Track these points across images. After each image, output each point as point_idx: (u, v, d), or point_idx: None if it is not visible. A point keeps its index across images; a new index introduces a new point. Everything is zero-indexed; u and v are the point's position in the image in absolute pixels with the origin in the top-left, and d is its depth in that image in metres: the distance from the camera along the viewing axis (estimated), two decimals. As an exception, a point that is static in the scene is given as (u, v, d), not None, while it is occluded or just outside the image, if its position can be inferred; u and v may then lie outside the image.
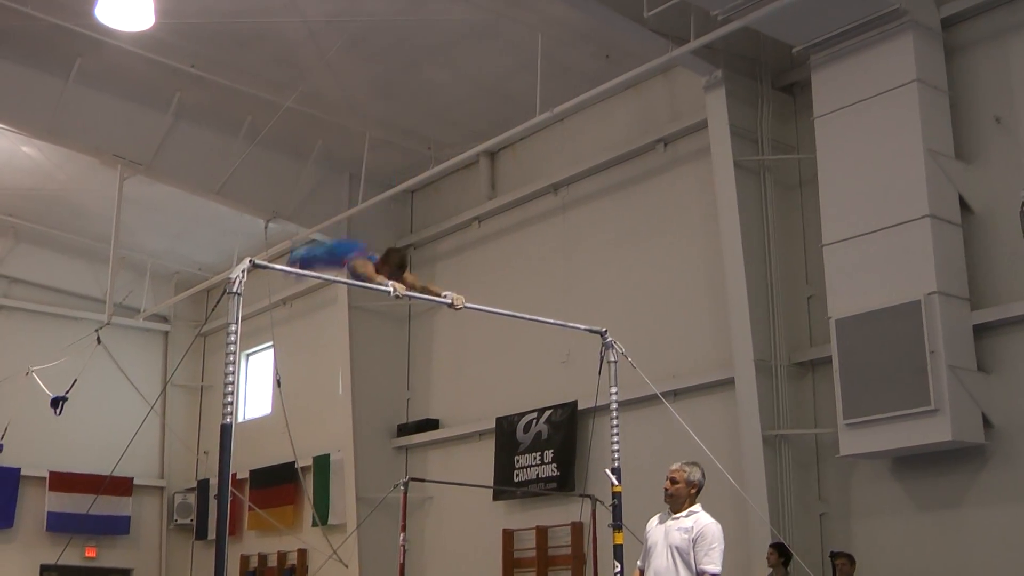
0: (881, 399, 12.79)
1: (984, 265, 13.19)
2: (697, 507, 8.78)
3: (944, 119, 13.31)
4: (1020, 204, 12.10)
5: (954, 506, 13.01)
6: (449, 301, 9.80)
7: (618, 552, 9.74)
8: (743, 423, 14.43)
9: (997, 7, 13.41)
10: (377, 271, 9.63)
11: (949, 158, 13.16)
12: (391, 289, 9.31)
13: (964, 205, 13.21)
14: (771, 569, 13.29)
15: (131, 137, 19.17)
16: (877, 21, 13.22)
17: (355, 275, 9.67)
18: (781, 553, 13.11)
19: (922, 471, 13.34)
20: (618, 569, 9.45)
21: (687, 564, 8.50)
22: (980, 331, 12.97)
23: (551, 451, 17.76)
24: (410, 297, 9.68)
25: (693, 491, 8.80)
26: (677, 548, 8.58)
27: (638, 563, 8.92)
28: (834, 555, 13.34)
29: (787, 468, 14.28)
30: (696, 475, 8.82)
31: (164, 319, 27.20)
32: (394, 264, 9.81)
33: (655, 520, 8.90)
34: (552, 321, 11.20)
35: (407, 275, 9.93)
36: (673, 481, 8.80)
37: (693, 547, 8.51)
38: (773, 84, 15.40)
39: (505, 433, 18.63)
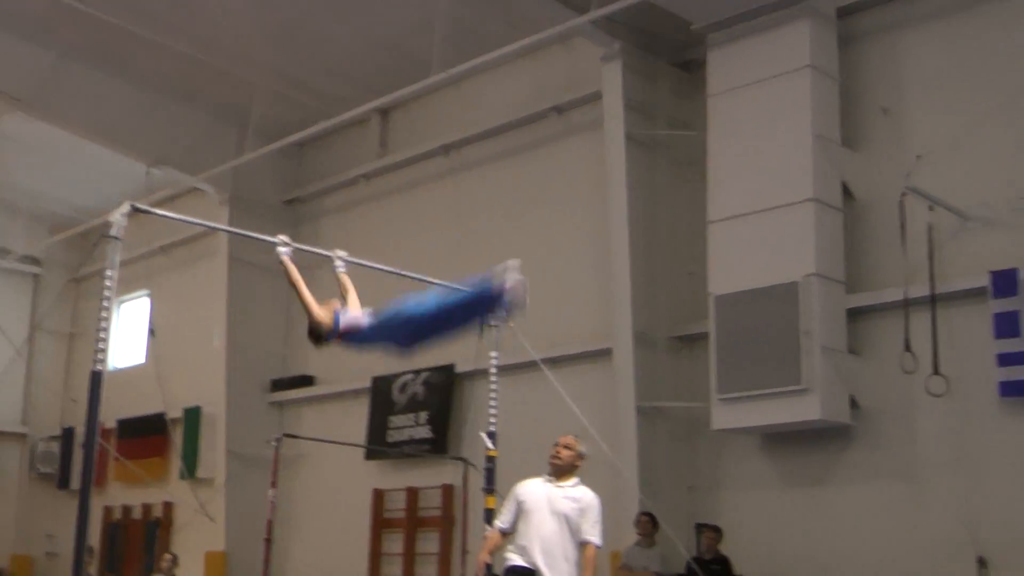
0: (755, 376, 13.18)
1: (861, 251, 13.64)
2: (577, 479, 9.06)
3: (833, 106, 13.72)
4: (901, 194, 12.59)
5: (819, 483, 13.50)
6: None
7: (489, 516, 9.90)
8: (619, 394, 14.67)
9: (892, 0, 13.86)
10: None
11: (835, 144, 13.58)
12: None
13: (846, 191, 13.66)
14: (640, 537, 13.64)
15: (11, 72, 18.76)
16: (775, 5, 13.59)
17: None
18: (652, 521, 13.46)
19: (790, 448, 13.79)
20: (487, 532, 9.60)
21: (573, 533, 8.77)
22: (853, 315, 13.43)
23: (426, 413, 17.90)
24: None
25: (578, 463, 9.08)
26: (567, 516, 8.80)
27: (499, 524, 9.07)
28: (701, 526, 13.75)
29: (660, 440, 14.59)
30: (583, 449, 9.13)
31: (36, 262, 26.53)
32: None
33: (532, 485, 9.05)
34: (437, 282, 11.31)
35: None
36: (567, 448, 9.05)
37: (580, 517, 8.80)
38: (671, 60, 15.67)
39: (381, 393, 18.73)
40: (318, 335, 8.63)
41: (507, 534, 9.01)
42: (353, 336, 8.38)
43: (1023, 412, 12.22)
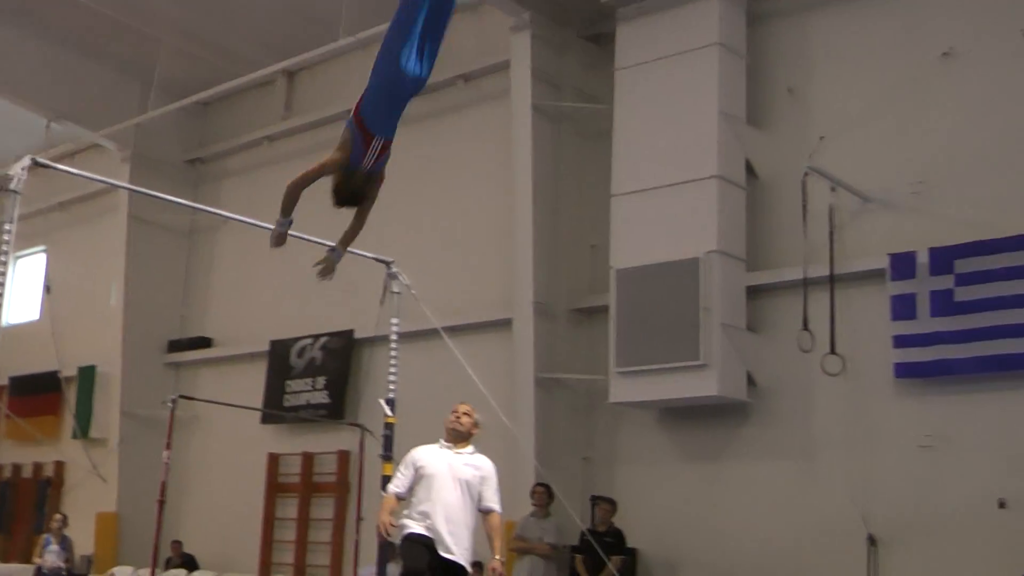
0: (653, 350, 13.15)
1: (763, 229, 13.65)
2: (473, 446, 8.95)
3: (740, 84, 13.68)
4: (803, 174, 12.59)
5: (715, 459, 13.52)
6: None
7: (386, 483, 9.72)
8: (518, 364, 14.59)
9: (802, -20, 13.88)
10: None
11: (741, 122, 13.55)
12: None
13: (750, 170, 13.65)
14: (535, 507, 13.57)
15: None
16: (685, -19, 13.52)
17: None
18: (548, 492, 13.40)
19: (687, 423, 13.80)
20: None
21: (473, 500, 8.69)
22: (753, 292, 13.45)
23: (324, 378, 17.70)
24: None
25: (475, 431, 8.98)
26: (468, 484, 8.69)
27: (394, 488, 8.89)
28: (596, 499, 13.69)
29: (558, 411, 14.54)
30: (480, 417, 9.02)
31: (-72, 214, 25.79)
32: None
33: (429, 451, 8.90)
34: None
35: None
36: (467, 416, 8.94)
37: (482, 485, 8.68)
38: (581, 33, 15.51)
39: (278, 357, 18.48)
40: (347, 181, 6.95)
41: (402, 499, 8.84)
42: (368, 110, 6.75)
43: (917, 393, 12.34)
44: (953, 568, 11.84)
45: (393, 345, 10.20)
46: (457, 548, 8.62)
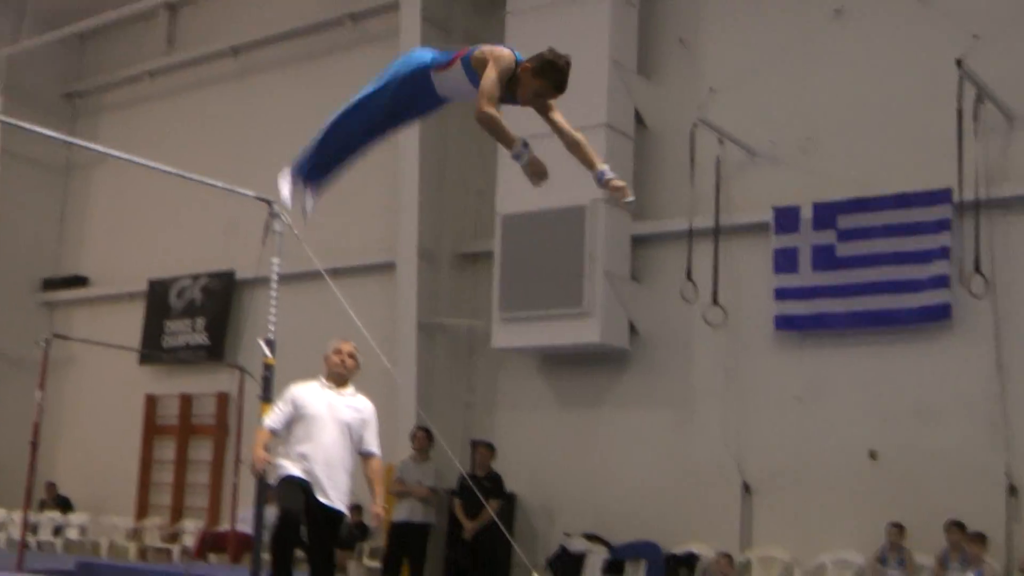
0: (537, 297, 13.07)
1: (650, 180, 13.54)
2: (353, 387, 8.71)
3: (631, 33, 13.52)
4: (692, 126, 12.52)
5: (595, 406, 13.49)
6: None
7: (276, 434, 9.45)
8: (401, 308, 14.42)
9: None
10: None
11: (631, 72, 13.41)
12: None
13: (639, 119, 13.52)
14: (415, 451, 13.43)
15: None
16: (577, -73, 13.28)
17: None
18: (428, 435, 13.27)
19: (568, 370, 13.76)
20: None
21: (353, 443, 8.39)
22: (638, 242, 13.40)
23: (203, 319, 17.30)
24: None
25: (357, 372, 8.74)
26: (349, 426, 8.41)
27: (269, 423, 8.58)
28: (475, 443, 13.58)
29: (440, 356, 14.43)
30: (360, 358, 8.78)
31: None
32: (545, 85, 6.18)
33: (310, 390, 8.60)
34: (220, 184, 10.69)
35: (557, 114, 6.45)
36: (352, 357, 8.68)
37: (363, 428, 8.47)
38: (470, -24, 15.24)
39: (157, 297, 17.99)
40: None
41: (276, 434, 8.55)
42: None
43: (795, 346, 12.44)
44: (824, 515, 12.01)
45: (273, 286, 9.86)
46: (335, 493, 8.32)
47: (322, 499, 8.23)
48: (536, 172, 6.04)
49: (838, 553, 11.83)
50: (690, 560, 12.36)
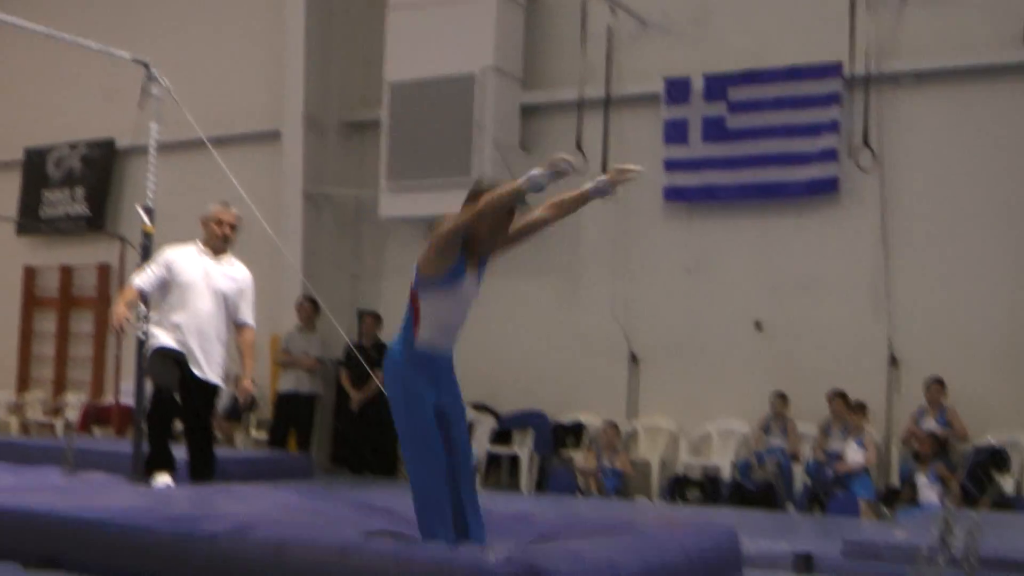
0: (425, 166, 12.86)
1: (541, 49, 13.31)
2: (231, 255, 8.43)
3: (522, -101, 13.17)
4: (583, -8, 12.26)
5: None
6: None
7: (145, 295, 9.16)
8: (286, 177, 14.11)
9: None
10: None
11: (521, -62, 13.09)
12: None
13: (530, -14, 13.24)
14: (300, 322, 13.23)
15: None
16: None
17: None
18: (314, 306, 13.07)
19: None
20: (144, 312, 8.88)
21: (229, 313, 8.19)
22: (528, 111, 13.20)
23: (83, 188, 16.71)
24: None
25: (235, 240, 8.44)
26: (225, 296, 8.18)
27: (139, 283, 8.28)
28: (361, 313, 13.46)
29: (326, 226, 14.21)
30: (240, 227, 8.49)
31: None
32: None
33: (186, 255, 8.31)
34: (95, 46, 10.23)
35: None
36: (233, 228, 8.38)
37: (239, 298, 8.19)
38: None
39: (34, 166, 17.31)
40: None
41: (143, 296, 8.27)
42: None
43: (684, 217, 12.44)
44: (710, 386, 12.14)
45: (152, 152, 9.49)
46: (209, 366, 8.16)
47: (196, 371, 8.05)
48: (564, 171, 4.95)
49: (723, 422, 11.97)
50: (577, 429, 12.39)
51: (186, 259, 8.22)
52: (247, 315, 8.30)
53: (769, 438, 11.32)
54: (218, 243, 8.31)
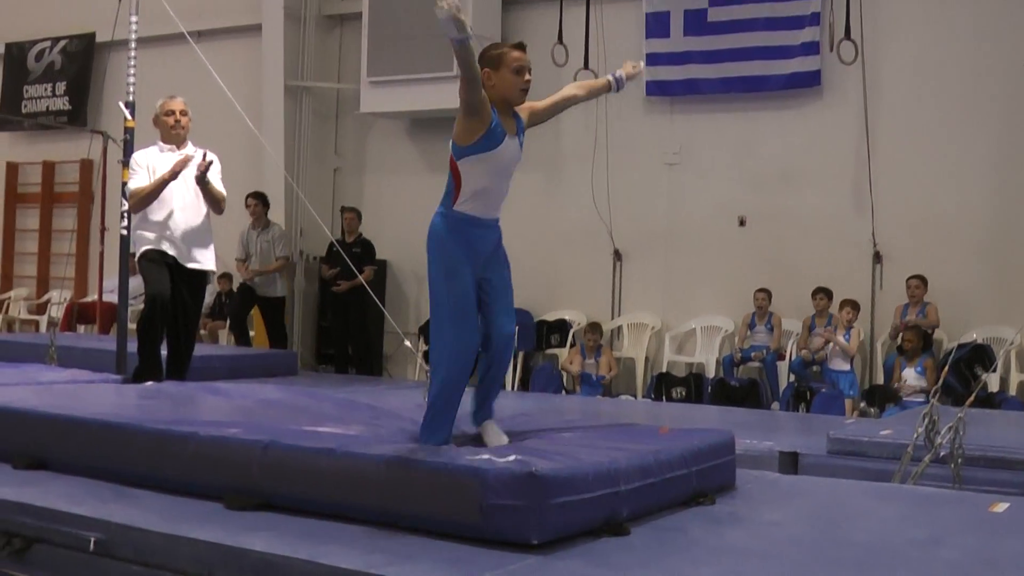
0: (406, 60, 12.59)
1: (521, -61, 13.00)
2: (190, 142, 8.24)
3: None
4: None
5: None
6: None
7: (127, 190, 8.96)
8: (266, 71, 13.87)
9: None
10: None
11: None
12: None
13: None
14: (251, 219, 12.95)
15: None
16: None
17: None
18: (262, 202, 12.85)
19: (437, 134, 13.15)
20: (125, 207, 8.67)
21: (198, 194, 8.03)
22: (508, 4, 12.98)
23: (64, 83, 16.40)
24: None
25: (189, 125, 8.26)
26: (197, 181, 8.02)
27: (138, 184, 8.05)
28: (343, 209, 13.25)
29: (307, 120, 13.99)
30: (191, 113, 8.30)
31: None
32: None
33: (151, 155, 8.08)
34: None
35: None
36: (185, 115, 8.18)
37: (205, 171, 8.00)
38: None
39: (15, 60, 16.95)
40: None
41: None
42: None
43: (666, 111, 12.29)
44: (694, 282, 12.06)
45: (132, 46, 9.21)
46: (200, 253, 8.06)
47: (188, 264, 7.93)
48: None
49: (707, 319, 11.91)
50: (561, 327, 12.31)
51: (154, 159, 8.05)
52: (217, 186, 8.12)
53: (753, 334, 11.26)
54: (176, 134, 8.12)
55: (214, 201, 8.08)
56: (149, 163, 8.01)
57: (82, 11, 15.72)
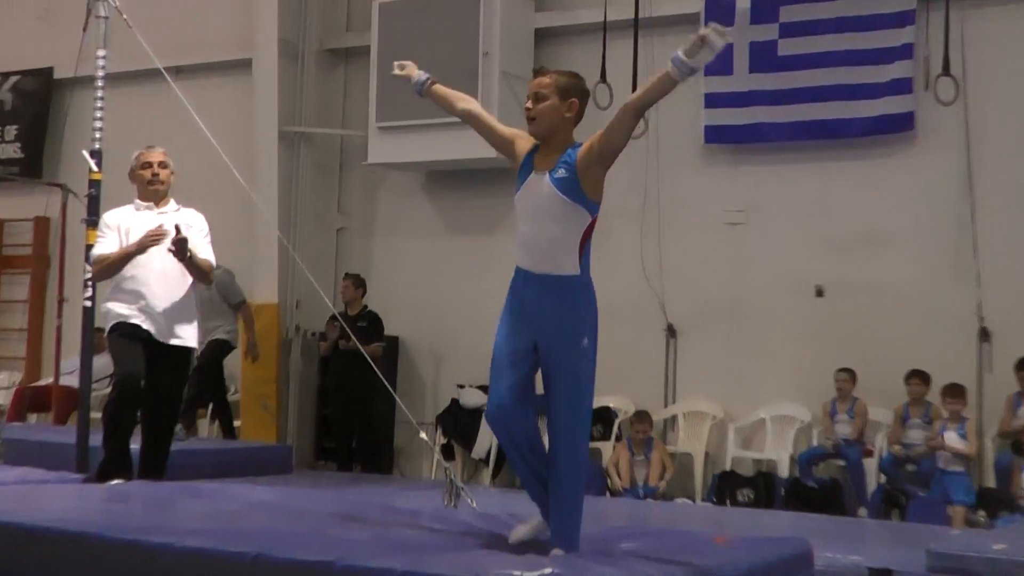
0: (422, 103, 12.38)
1: (556, -39, 13.21)
2: (172, 199, 8.34)
3: None
4: None
5: (489, 231, 13.24)
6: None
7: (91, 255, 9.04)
8: (258, 114, 14.03)
9: None
10: None
11: None
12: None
13: None
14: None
15: None
16: None
17: None
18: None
19: (459, 190, 13.54)
20: (89, 275, 8.76)
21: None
22: (542, 37, 13.13)
23: (16, 127, 16.69)
24: None
25: (171, 180, 8.35)
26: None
27: (101, 251, 8.14)
28: (346, 276, 13.25)
29: (306, 172, 14.14)
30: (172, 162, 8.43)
31: None
32: None
33: (126, 215, 8.20)
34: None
35: None
36: (164, 167, 8.29)
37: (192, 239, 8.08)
38: None
39: (-41, 100, 17.29)
40: None
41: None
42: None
43: (728, 162, 12.37)
44: (763, 362, 12.02)
45: (99, 84, 9.33)
46: (181, 328, 8.12)
47: (168, 340, 7.99)
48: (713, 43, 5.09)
49: (779, 407, 11.86)
50: (605, 416, 12.23)
51: (129, 220, 8.14)
52: (205, 253, 8.19)
53: (835, 426, 11.19)
54: (154, 190, 8.22)
55: (200, 273, 8.15)
56: (122, 224, 8.10)
57: (38, 42, 15.96)
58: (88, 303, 8.63)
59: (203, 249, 8.20)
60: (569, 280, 5.37)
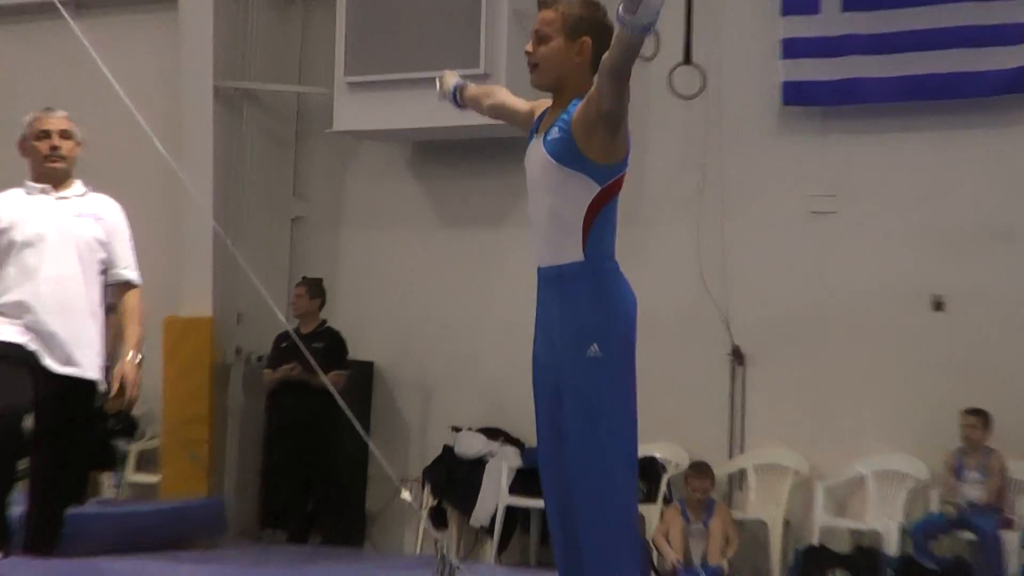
0: (406, 53, 12.74)
1: None
2: (78, 180, 8.00)
3: None
4: None
5: (495, 223, 13.37)
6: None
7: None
8: (188, 67, 13.97)
9: None
10: None
11: None
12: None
13: None
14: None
15: None
16: None
17: None
18: None
19: (454, 167, 13.60)
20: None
21: (97, 268, 7.75)
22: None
23: None
24: None
25: (78, 152, 8.02)
26: (86, 244, 7.71)
27: None
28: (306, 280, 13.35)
29: (252, 142, 14.09)
30: (80, 131, 8.01)
31: None
32: None
33: (13, 201, 7.85)
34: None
35: None
36: (67, 137, 7.91)
37: (111, 242, 7.76)
38: None
39: None
40: None
41: None
42: None
43: (812, 129, 12.42)
44: (862, 396, 11.84)
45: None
46: (81, 353, 7.72)
47: (62, 368, 7.62)
48: None
49: (884, 459, 11.67)
50: (650, 470, 12.02)
51: (18, 207, 7.78)
52: (126, 267, 7.89)
53: (961, 486, 10.95)
54: (52, 168, 7.87)
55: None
56: (7, 213, 7.75)
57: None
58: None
59: (123, 260, 7.87)
60: (570, 268, 5.29)
